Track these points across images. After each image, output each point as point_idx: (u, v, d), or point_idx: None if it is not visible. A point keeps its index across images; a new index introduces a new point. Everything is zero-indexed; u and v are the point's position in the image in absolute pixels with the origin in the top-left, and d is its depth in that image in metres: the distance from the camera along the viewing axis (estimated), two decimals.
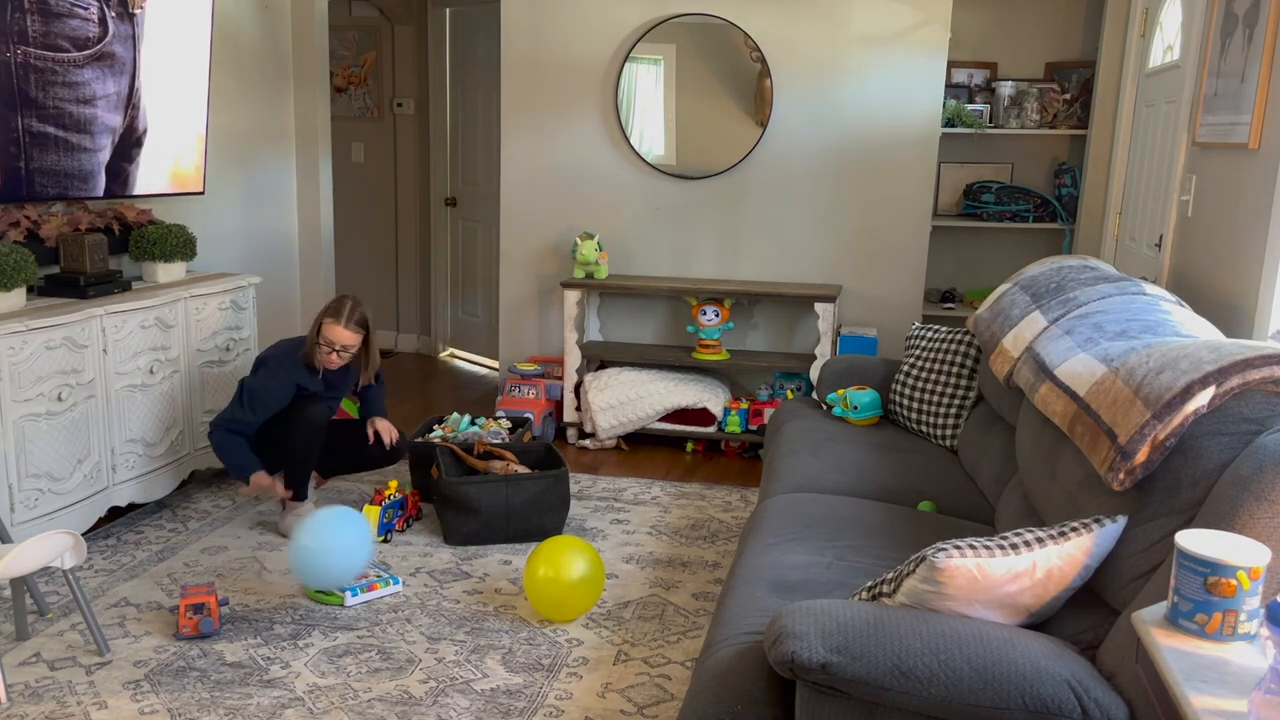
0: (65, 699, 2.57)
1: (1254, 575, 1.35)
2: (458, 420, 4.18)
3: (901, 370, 3.53)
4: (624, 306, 5.05)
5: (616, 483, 4.28)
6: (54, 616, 2.99)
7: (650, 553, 3.56)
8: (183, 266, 4.01)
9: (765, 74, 4.68)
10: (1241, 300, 2.75)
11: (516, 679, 2.71)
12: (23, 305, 3.29)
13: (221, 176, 4.62)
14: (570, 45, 4.86)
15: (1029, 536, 1.78)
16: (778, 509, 2.69)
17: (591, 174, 4.94)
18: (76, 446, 3.33)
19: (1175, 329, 2.27)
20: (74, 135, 3.53)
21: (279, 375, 3.57)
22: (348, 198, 6.63)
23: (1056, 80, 4.96)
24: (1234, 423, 1.76)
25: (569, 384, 4.77)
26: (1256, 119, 2.70)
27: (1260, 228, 2.65)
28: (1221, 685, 1.26)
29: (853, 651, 1.62)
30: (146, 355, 3.61)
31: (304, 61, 5.05)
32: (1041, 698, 1.56)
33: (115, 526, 3.67)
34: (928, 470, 3.06)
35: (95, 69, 3.57)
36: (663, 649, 2.89)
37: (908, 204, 4.70)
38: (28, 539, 2.61)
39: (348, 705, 2.57)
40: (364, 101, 6.54)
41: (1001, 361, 2.74)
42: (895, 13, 4.55)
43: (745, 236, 4.85)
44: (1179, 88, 3.49)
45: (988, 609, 1.76)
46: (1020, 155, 5.14)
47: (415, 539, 3.62)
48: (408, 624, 3.00)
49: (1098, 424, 1.96)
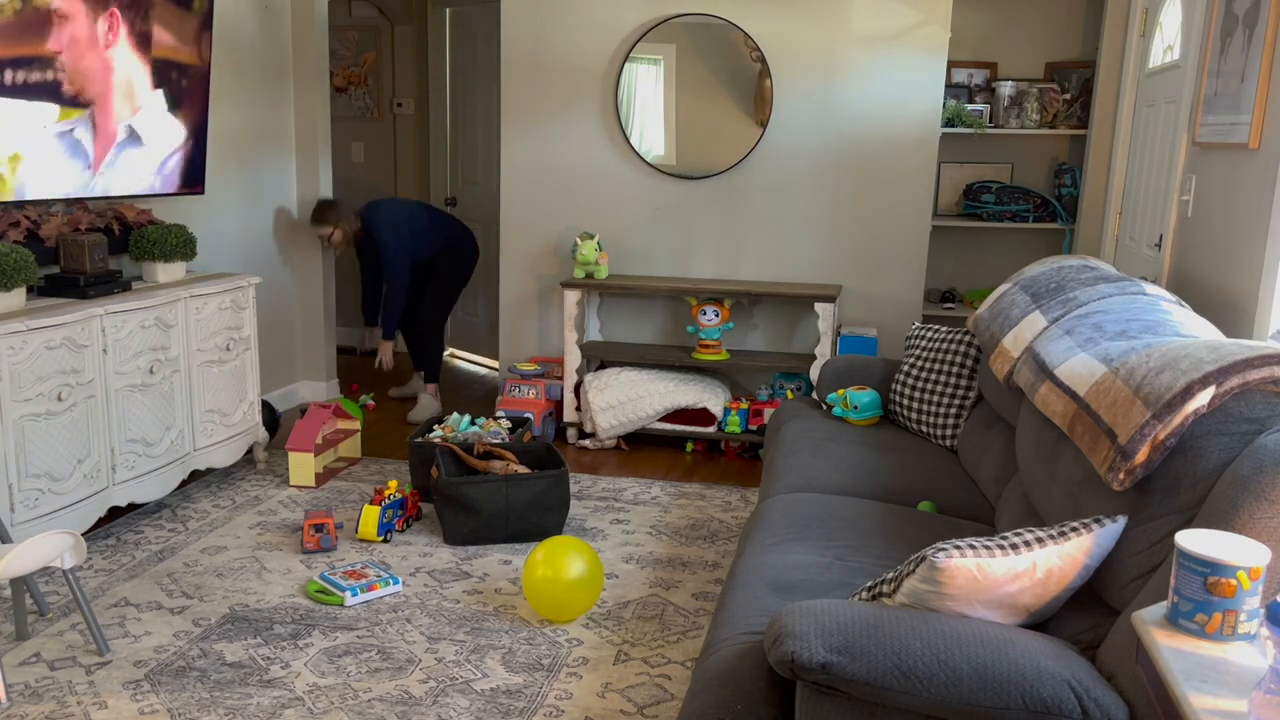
0: (65, 699, 2.57)
1: (1254, 575, 1.35)
2: (458, 420, 4.18)
3: (901, 370, 3.53)
4: (624, 306, 5.05)
5: (616, 483, 4.28)
6: (54, 616, 2.99)
7: (650, 553, 3.56)
8: (183, 266, 4.01)
9: (765, 74, 4.68)
10: (1241, 300, 2.75)
11: (516, 679, 2.71)
12: (23, 305, 3.29)
13: (221, 176, 4.62)
14: (570, 45, 4.86)
15: (1029, 536, 1.78)
16: (778, 509, 2.69)
17: (591, 174, 4.94)
18: (76, 446, 3.33)
19: (1175, 329, 2.27)
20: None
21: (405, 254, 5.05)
22: (348, 198, 6.62)
23: (1056, 80, 4.96)
24: (1234, 423, 1.76)
25: (569, 384, 4.77)
26: (1256, 119, 2.70)
27: (1260, 228, 2.65)
28: (1221, 685, 1.26)
29: (853, 651, 1.62)
30: (146, 355, 3.61)
31: (304, 61, 5.05)
32: (1041, 698, 1.56)
33: (115, 526, 3.67)
34: (928, 470, 3.06)
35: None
36: (663, 649, 2.89)
37: (908, 204, 4.70)
38: (28, 539, 2.61)
39: (348, 705, 2.57)
40: (364, 101, 6.54)
41: (1001, 361, 2.74)
42: (895, 13, 4.55)
43: (745, 236, 4.85)
44: (1179, 88, 3.49)
45: (988, 609, 1.76)
46: (1020, 155, 5.14)
47: (415, 539, 3.62)
48: (408, 624, 3.00)
49: (1098, 424, 1.96)
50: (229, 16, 4.56)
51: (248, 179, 4.82)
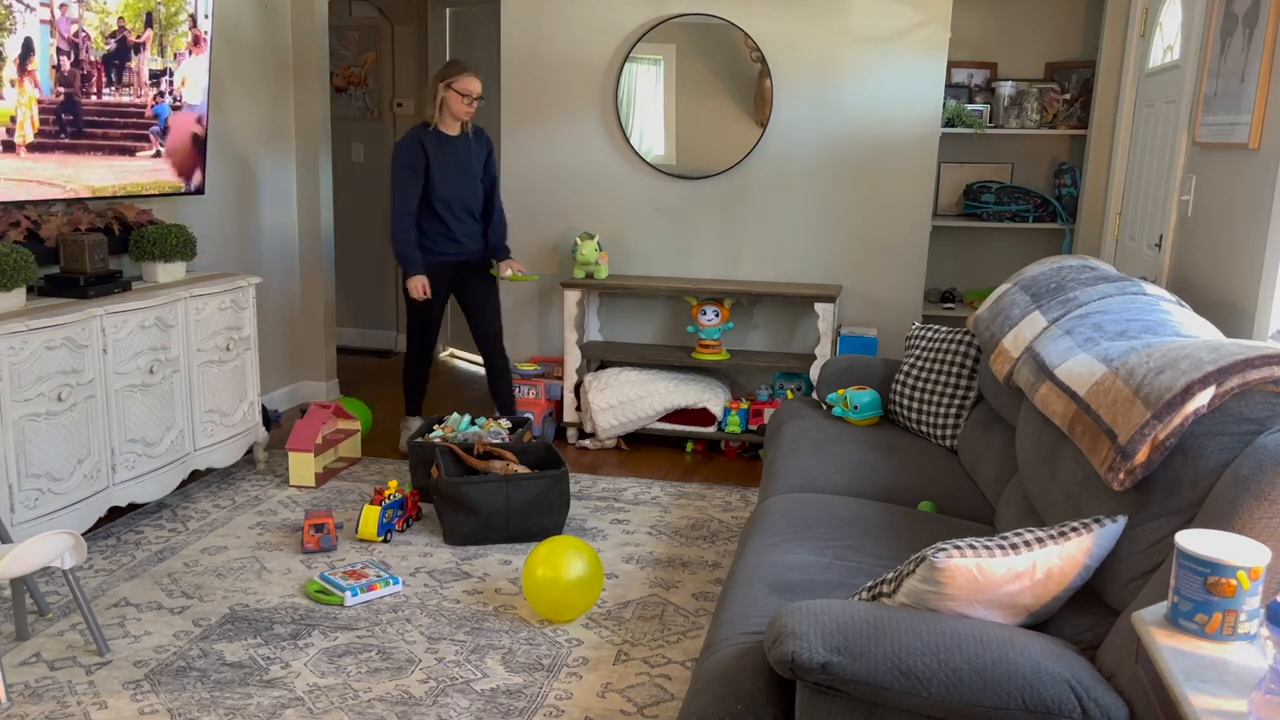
0: (65, 699, 2.57)
1: (1254, 575, 1.35)
2: (458, 420, 4.18)
3: (901, 370, 3.53)
4: (624, 306, 5.05)
5: (616, 483, 4.28)
6: (54, 616, 2.99)
7: (650, 553, 3.56)
8: (183, 266, 4.01)
9: (765, 74, 4.68)
10: (1241, 300, 2.75)
11: (516, 679, 2.71)
12: (23, 305, 3.29)
13: (221, 176, 4.62)
14: (570, 45, 4.86)
15: (1029, 536, 1.78)
16: (778, 509, 2.69)
17: (591, 174, 4.94)
18: (76, 446, 3.33)
19: (1175, 329, 2.27)
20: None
21: (408, 158, 4.21)
22: (348, 198, 6.63)
23: (1056, 80, 4.96)
24: (1234, 423, 1.76)
25: (569, 384, 4.77)
26: (1256, 119, 2.70)
27: (1260, 228, 2.65)
28: (1221, 685, 1.26)
29: (853, 651, 1.62)
30: (146, 355, 3.61)
31: (304, 61, 5.05)
32: (1041, 698, 1.56)
33: (115, 526, 3.67)
34: (928, 470, 3.06)
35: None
36: (663, 649, 2.89)
37: (908, 204, 4.70)
38: (28, 539, 2.61)
39: (348, 705, 2.57)
40: (364, 101, 6.54)
41: (1001, 361, 2.74)
42: (895, 13, 4.55)
43: (745, 236, 4.85)
44: (1179, 88, 3.49)
45: (988, 609, 1.76)
46: (1020, 155, 5.14)
47: (415, 539, 3.62)
48: (408, 624, 3.00)
49: (1098, 424, 1.96)
50: (229, 16, 4.56)
51: (248, 179, 4.82)
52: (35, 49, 3.33)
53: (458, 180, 4.29)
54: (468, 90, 4.20)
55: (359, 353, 6.63)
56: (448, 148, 4.27)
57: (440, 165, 4.24)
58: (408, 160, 4.20)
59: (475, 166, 4.37)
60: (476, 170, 4.37)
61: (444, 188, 4.26)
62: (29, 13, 3.28)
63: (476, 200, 4.39)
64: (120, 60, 3.72)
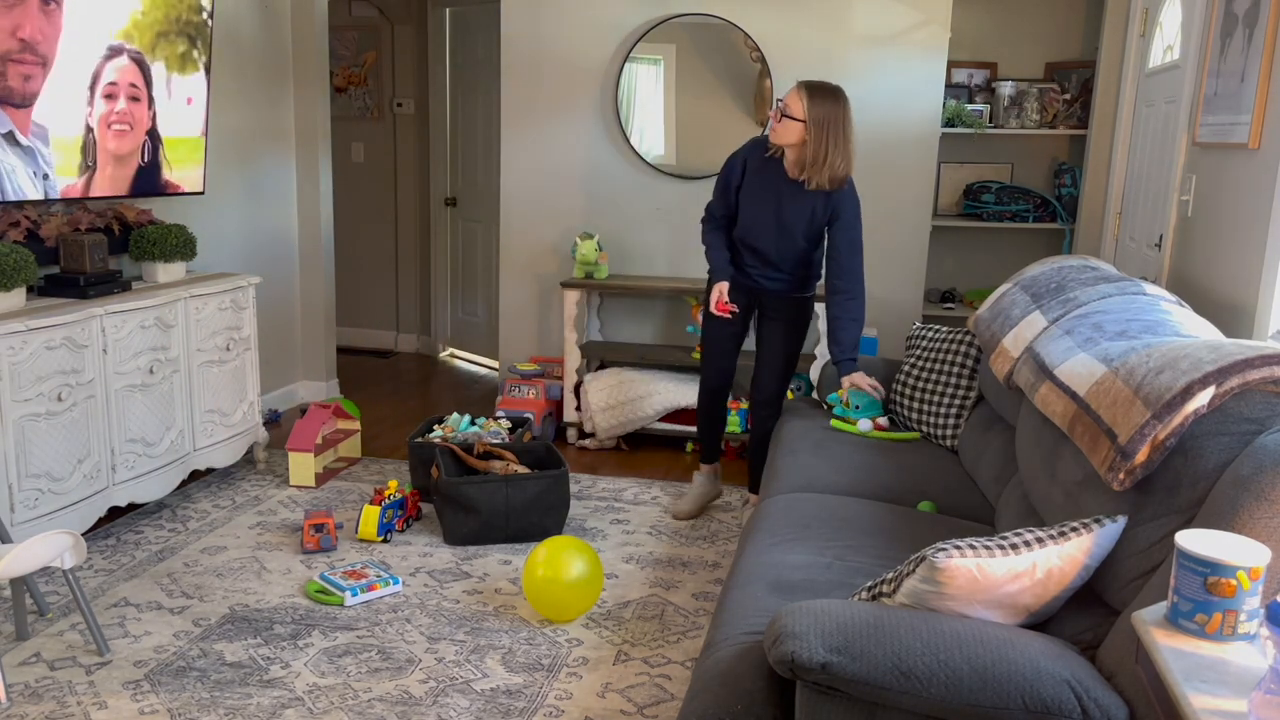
0: (65, 699, 2.57)
1: (1254, 575, 1.35)
2: (457, 420, 4.18)
3: (902, 370, 3.53)
4: (624, 306, 5.05)
5: (616, 483, 4.28)
6: (54, 616, 2.99)
7: (650, 553, 3.56)
8: (183, 266, 4.01)
9: (765, 74, 4.68)
10: (1241, 300, 2.75)
11: (516, 679, 2.71)
12: (23, 305, 3.28)
13: (221, 176, 4.62)
14: (570, 45, 4.86)
15: (1029, 536, 1.78)
16: (778, 509, 2.69)
17: (591, 174, 4.94)
18: (76, 446, 3.33)
19: (1175, 329, 2.27)
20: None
21: (731, 160, 3.55)
22: (348, 198, 6.63)
23: (1056, 80, 4.96)
24: (1234, 423, 1.76)
25: (569, 384, 4.77)
26: (1256, 119, 2.70)
27: (1260, 228, 2.65)
28: (1221, 685, 1.26)
29: (853, 651, 1.62)
30: (146, 355, 3.61)
31: (304, 61, 5.05)
32: (1041, 698, 1.56)
33: (115, 526, 3.67)
34: (928, 470, 3.06)
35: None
36: (663, 649, 2.89)
37: (907, 204, 4.69)
38: (28, 539, 2.61)
39: (348, 705, 2.57)
40: (364, 101, 6.54)
41: (1001, 361, 2.74)
42: (895, 13, 4.55)
43: None
44: (1179, 88, 3.49)
45: (988, 609, 1.76)
46: (1020, 155, 5.14)
47: (415, 539, 3.62)
48: (408, 624, 3.00)
49: (1098, 424, 1.96)
50: (229, 16, 4.56)
51: (248, 179, 4.82)
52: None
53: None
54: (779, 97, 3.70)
55: (359, 353, 6.63)
56: None
57: None
58: None
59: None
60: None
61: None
62: None
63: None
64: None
